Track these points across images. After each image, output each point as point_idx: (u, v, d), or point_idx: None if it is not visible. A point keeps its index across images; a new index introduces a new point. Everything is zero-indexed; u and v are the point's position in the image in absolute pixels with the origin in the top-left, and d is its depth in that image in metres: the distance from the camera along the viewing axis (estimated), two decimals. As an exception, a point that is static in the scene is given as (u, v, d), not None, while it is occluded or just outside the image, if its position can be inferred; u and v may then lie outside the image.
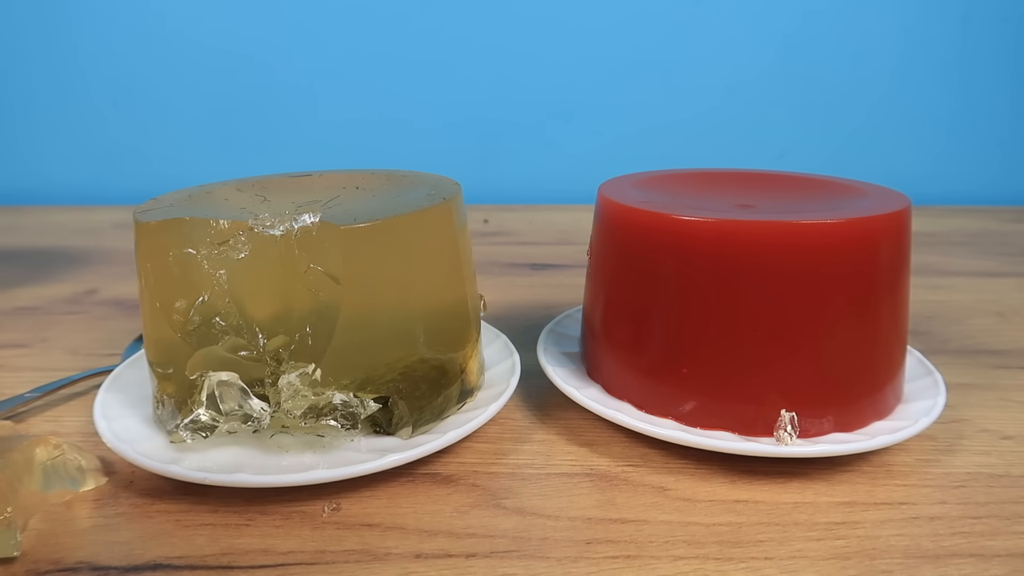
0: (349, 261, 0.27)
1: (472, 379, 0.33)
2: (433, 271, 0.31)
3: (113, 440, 0.29)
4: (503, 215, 0.80)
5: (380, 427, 0.30)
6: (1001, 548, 0.26)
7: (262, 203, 0.32)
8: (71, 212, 0.81)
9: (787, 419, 0.29)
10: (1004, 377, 0.39)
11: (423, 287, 0.30)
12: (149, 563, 0.25)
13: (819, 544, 0.26)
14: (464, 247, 0.33)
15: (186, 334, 0.28)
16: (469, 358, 0.33)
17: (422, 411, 0.30)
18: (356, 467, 0.27)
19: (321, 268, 0.27)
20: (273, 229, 0.27)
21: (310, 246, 0.27)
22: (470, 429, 0.30)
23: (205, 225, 0.27)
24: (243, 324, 0.28)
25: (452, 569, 0.24)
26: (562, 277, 0.58)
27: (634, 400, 0.32)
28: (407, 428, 0.29)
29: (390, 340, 0.29)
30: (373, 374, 0.29)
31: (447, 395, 0.31)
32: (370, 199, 0.32)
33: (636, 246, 0.32)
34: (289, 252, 0.27)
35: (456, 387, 0.32)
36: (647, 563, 0.25)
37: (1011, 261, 0.63)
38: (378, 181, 0.35)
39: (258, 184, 0.36)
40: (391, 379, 0.29)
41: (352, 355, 0.28)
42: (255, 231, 0.27)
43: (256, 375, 0.28)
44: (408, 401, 0.29)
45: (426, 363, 0.30)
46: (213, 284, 0.27)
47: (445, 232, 0.31)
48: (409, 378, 0.29)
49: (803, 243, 0.29)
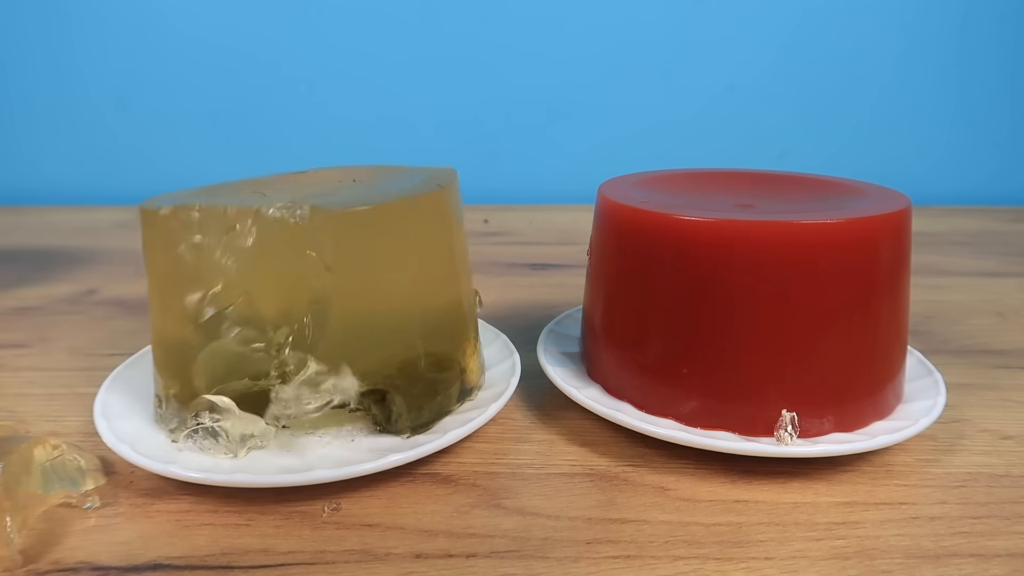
0: (341, 248, 0.27)
1: (472, 379, 0.33)
2: (428, 260, 0.31)
3: (113, 440, 0.29)
4: (503, 215, 0.80)
5: (380, 425, 0.30)
6: (1001, 548, 0.26)
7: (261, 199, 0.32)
8: (71, 212, 0.81)
9: (787, 419, 0.29)
10: (1004, 377, 0.39)
11: (418, 277, 0.30)
12: (149, 563, 0.25)
13: (819, 544, 0.26)
14: (459, 237, 0.33)
15: (197, 327, 0.28)
16: (468, 357, 0.33)
17: (421, 410, 0.30)
18: (356, 467, 0.27)
19: (315, 255, 0.27)
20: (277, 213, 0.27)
21: (305, 232, 0.27)
22: (471, 429, 0.30)
23: (213, 212, 0.27)
24: (252, 315, 0.27)
25: (452, 569, 0.24)
26: (562, 277, 0.58)
27: (634, 400, 0.32)
28: (406, 426, 0.29)
29: (385, 333, 0.29)
30: (369, 368, 0.28)
31: (447, 394, 0.31)
32: (367, 189, 0.32)
33: (636, 246, 0.32)
34: (295, 239, 0.27)
35: (456, 386, 0.31)
36: (647, 563, 0.25)
37: (1011, 261, 0.63)
38: (375, 175, 0.36)
39: (257, 183, 0.35)
40: (388, 374, 0.29)
41: (347, 347, 0.28)
42: (262, 215, 0.27)
43: (263, 368, 0.28)
44: (406, 398, 0.29)
45: (424, 360, 0.30)
46: (224, 273, 0.27)
47: (440, 218, 0.31)
48: (407, 374, 0.29)
49: (803, 243, 0.29)
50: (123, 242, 0.68)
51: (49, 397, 0.36)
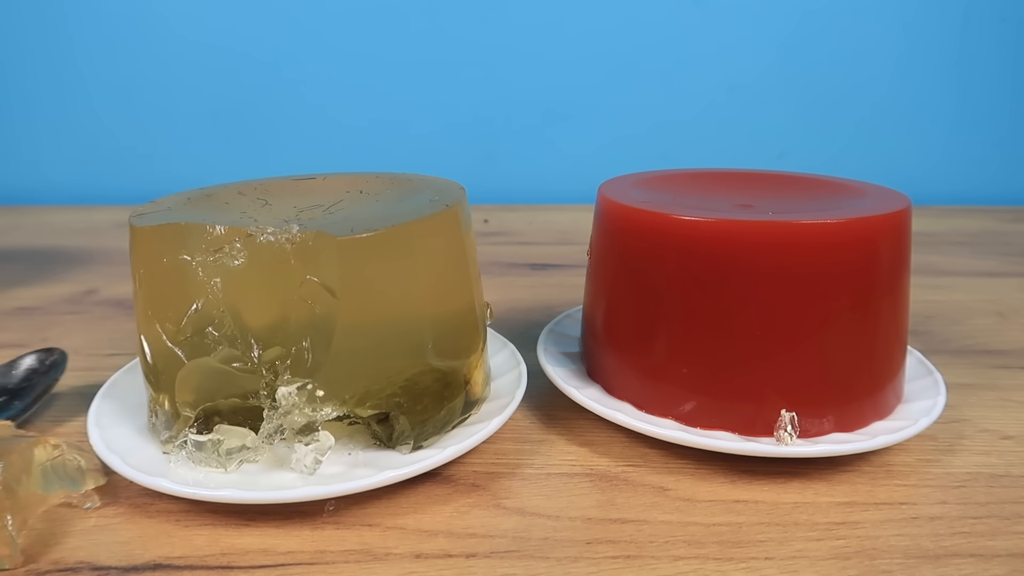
0: (346, 273, 0.26)
1: (477, 390, 0.32)
2: (436, 280, 0.30)
3: (104, 450, 0.28)
4: (503, 215, 0.80)
5: (380, 441, 0.29)
6: (1001, 548, 0.26)
7: (263, 207, 0.31)
8: (71, 212, 0.81)
9: (787, 419, 0.29)
10: (1004, 377, 0.39)
11: (425, 297, 0.29)
12: (149, 563, 0.25)
13: (819, 544, 0.26)
14: (470, 254, 0.32)
15: (177, 344, 0.27)
16: (474, 368, 0.32)
17: (424, 424, 0.29)
18: (349, 484, 0.26)
19: (317, 279, 0.26)
20: (270, 236, 0.26)
21: (306, 256, 0.26)
22: (472, 444, 0.29)
23: (201, 231, 0.27)
24: (237, 334, 0.27)
25: (452, 569, 0.24)
26: (562, 277, 0.58)
27: (634, 400, 0.32)
28: (407, 444, 0.28)
29: (390, 352, 0.28)
30: (373, 388, 0.28)
31: (451, 408, 0.30)
32: (373, 204, 0.32)
33: (636, 246, 0.32)
34: (286, 261, 0.26)
35: (460, 399, 0.30)
36: (647, 563, 0.25)
37: (1011, 261, 0.63)
38: (382, 185, 0.35)
39: (260, 187, 0.35)
40: (392, 393, 0.28)
41: (350, 368, 0.27)
42: (252, 238, 0.26)
43: (250, 387, 0.27)
44: (410, 416, 0.28)
45: (429, 375, 0.29)
46: (207, 292, 0.27)
47: (449, 239, 0.30)
48: (411, 391, 0.28)
49: (803, 243, 0.29)
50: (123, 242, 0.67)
51: (49, 397, 0.36)
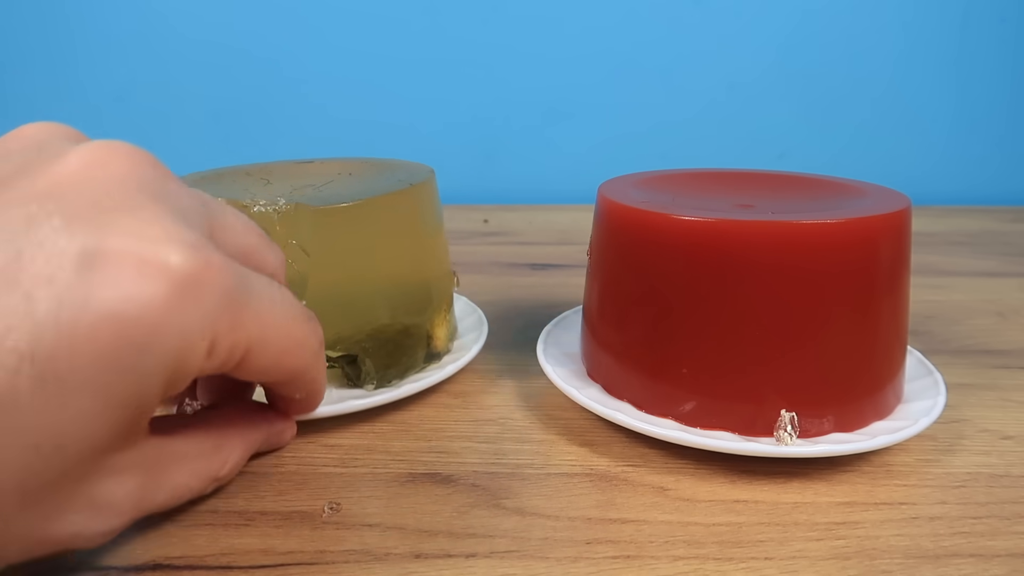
0: (319, 237, 0.32)
1: (439, 344, 0.37)
2: (395, 247, 0.36)
3: None
4: (503, 215, 0.80)
5: (351, 380, 0.34)
6: (1001, 548, 0.26)
7: (264, 185, 0.36)
8: (71, 212, 0.81)
9: (787, 419, 0.29)
10: (1004, 377, 0.39)
11: (385, 260, 0.35)
12: (149, 563, 0.25)
13: (819, 544, 0.26)
14: (431, 226, 0.38)
15: None
16: (436, 326, 0.37)
17: (388, 368, 0.34)
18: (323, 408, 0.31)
19: (296, 243, 0.32)
20: (262, 208, 0.32)
21: (288, 223, 0.32)
22: (428, 384, 0.34)
23: None
24: None
25: (452, 569, 0.24)
26: (562, 277, 0.58)
27: (634, 400, 0.32)
28: (372, 383, 0.34)
29: (356, 305, 0.34)
30: (344, 334, 0.33)
31: (412, 357, 0.36)
32: (354, 184, 0.37)
33: (636, 246, 0.32)
34: (273, 228, 0.32)
35: (422, 350, 0.36)
36: (647, 563, 0.25)
37: (1011, 261, 0.63)
38: (367, 168, 0.41)
39: (265, 169, 0.41)
40: (359, 339, 0.34)
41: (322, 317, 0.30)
42: (247, 208, 0.31)
43: None
44: (375, 359, 0.34)
45: (392, 327, 0.35)
46: None
47: (408, 213, 0.36)
48: (377, 339, 0.34)
49: (803, 243, 0.29)
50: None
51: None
